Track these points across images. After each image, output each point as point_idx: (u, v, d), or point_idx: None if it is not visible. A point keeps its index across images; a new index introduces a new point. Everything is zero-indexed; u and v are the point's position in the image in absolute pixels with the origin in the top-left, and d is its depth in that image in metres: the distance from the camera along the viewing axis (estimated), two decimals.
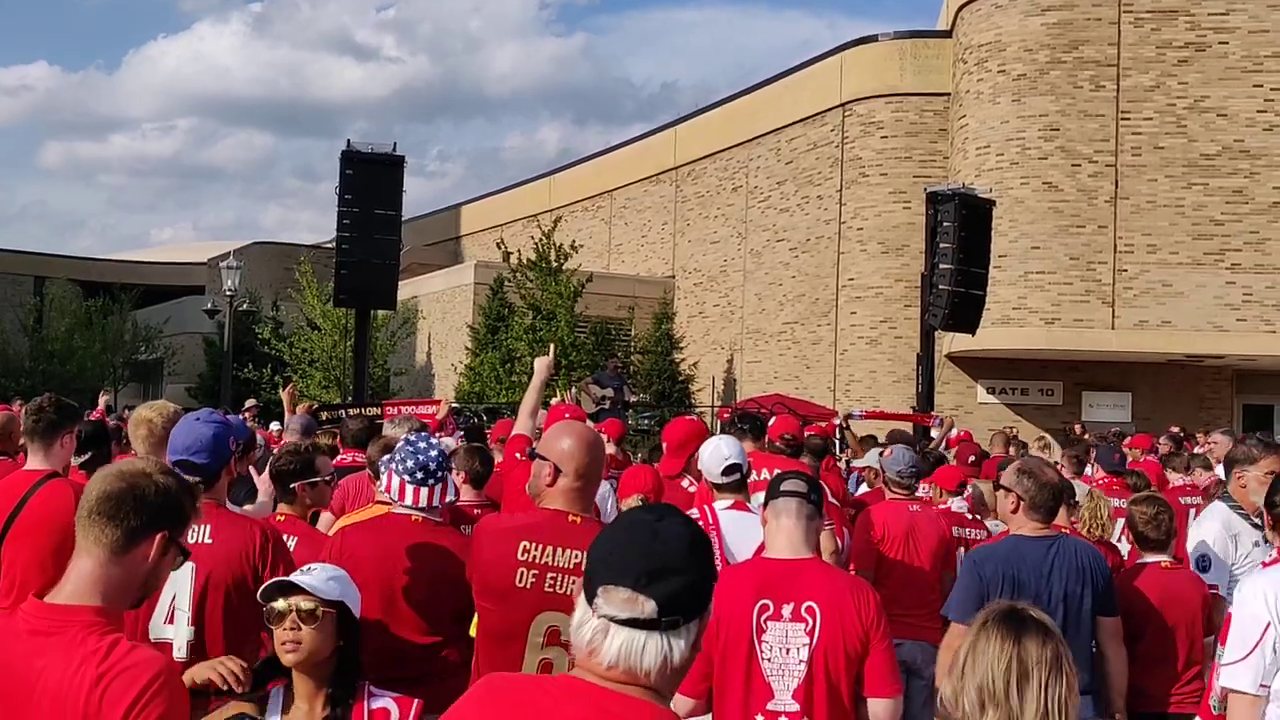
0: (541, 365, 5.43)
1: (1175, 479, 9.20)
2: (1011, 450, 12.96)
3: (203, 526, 3.89)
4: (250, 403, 17.81)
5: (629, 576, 1.89)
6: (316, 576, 3.03)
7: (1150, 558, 5.31)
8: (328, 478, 4.66)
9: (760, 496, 4.26)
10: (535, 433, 5.69)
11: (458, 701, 2.05)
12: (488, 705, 1.99)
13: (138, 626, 3.82)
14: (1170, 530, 5.36)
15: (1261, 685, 3.75)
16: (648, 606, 1.88)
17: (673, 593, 1.90)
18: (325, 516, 5.79)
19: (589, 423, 5.70)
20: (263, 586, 3.04)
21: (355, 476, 6.04)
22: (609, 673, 1.89)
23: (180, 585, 3.81)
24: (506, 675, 2.12)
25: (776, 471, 5.11)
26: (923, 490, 7.31)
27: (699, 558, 1.98)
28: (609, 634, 1.89)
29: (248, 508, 4.90)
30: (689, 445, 5.96)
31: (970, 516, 7.13)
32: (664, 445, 6.55)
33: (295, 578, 3.01)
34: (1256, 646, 3.74)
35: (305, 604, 2.98)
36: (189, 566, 3.81)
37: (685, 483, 6.06)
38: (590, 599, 1.92)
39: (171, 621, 3.79)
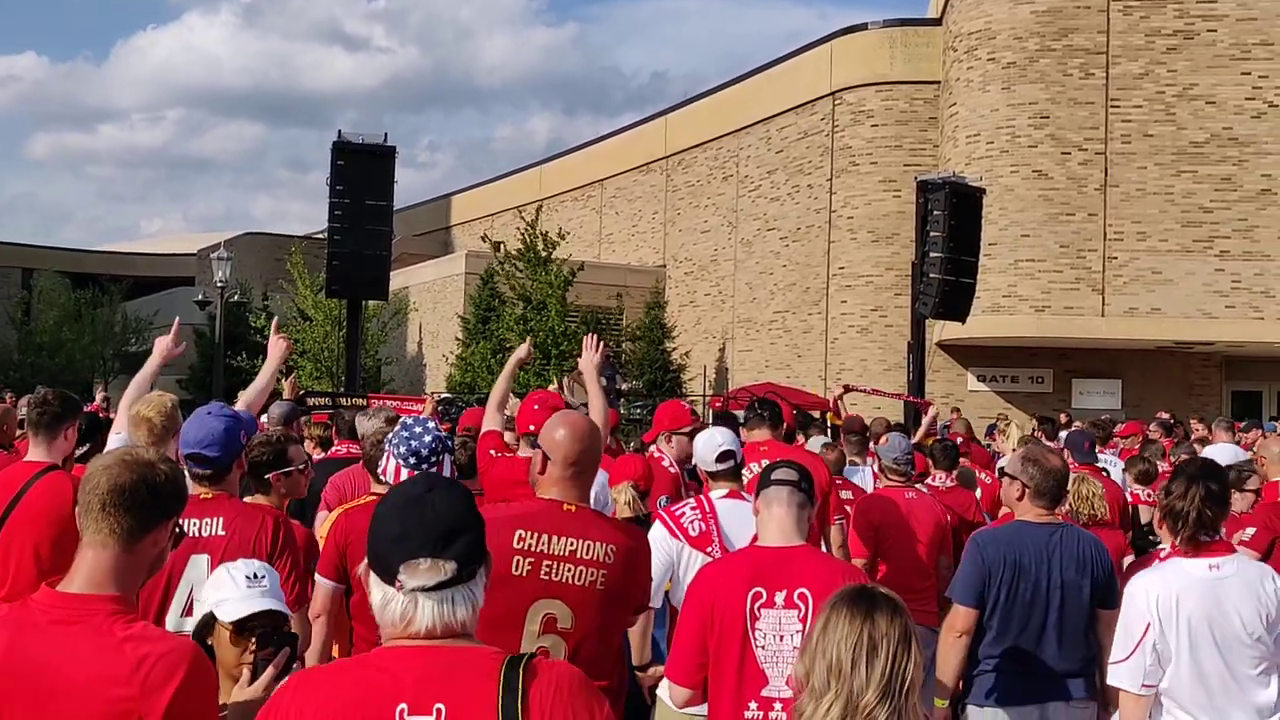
0: (513, 358, 5.65)
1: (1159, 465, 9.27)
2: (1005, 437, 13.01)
3: (215, 519, 3.95)
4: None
5: (425, 548, 2.06)
6: (272, 590, 2.99)
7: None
8: (300, 466, 4.68)
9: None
10: (506, 424, 5.76)
11: (277, 700, 2.12)
12: (316, 696, 2.05)
13: (149, 620, 3.86)
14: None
15: (1145, 685, 3.79)
16: (449, 567, 2.06)
17: (465, 549, 2.09)
18: (323, 515, 5.80)
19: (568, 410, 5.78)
20: (236, 616, 2.96)
21: (350, 470, 6.02)
22: (427, 636, 2.05)
23: (197, 579, 3.85)
24: (320, 668, 2.22)
25: (765, 462, 5.16)
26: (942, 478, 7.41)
27: (473, 511, 2.17)
28: (419, 604, 2.05)
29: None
30: (663, 424, 6.43)
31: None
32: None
33: (265, 603, 2.94)
34: (1137, 647, 3.79)
35: (279, 625, 2.95)
36: (205, 559, 3.88)
37: (666, 463, 6.24)
38: (390, 579, 2.06)
39: (190, 614, 3.83)
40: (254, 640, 2.90)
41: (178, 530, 2.60)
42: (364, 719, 1.99)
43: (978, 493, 8.32)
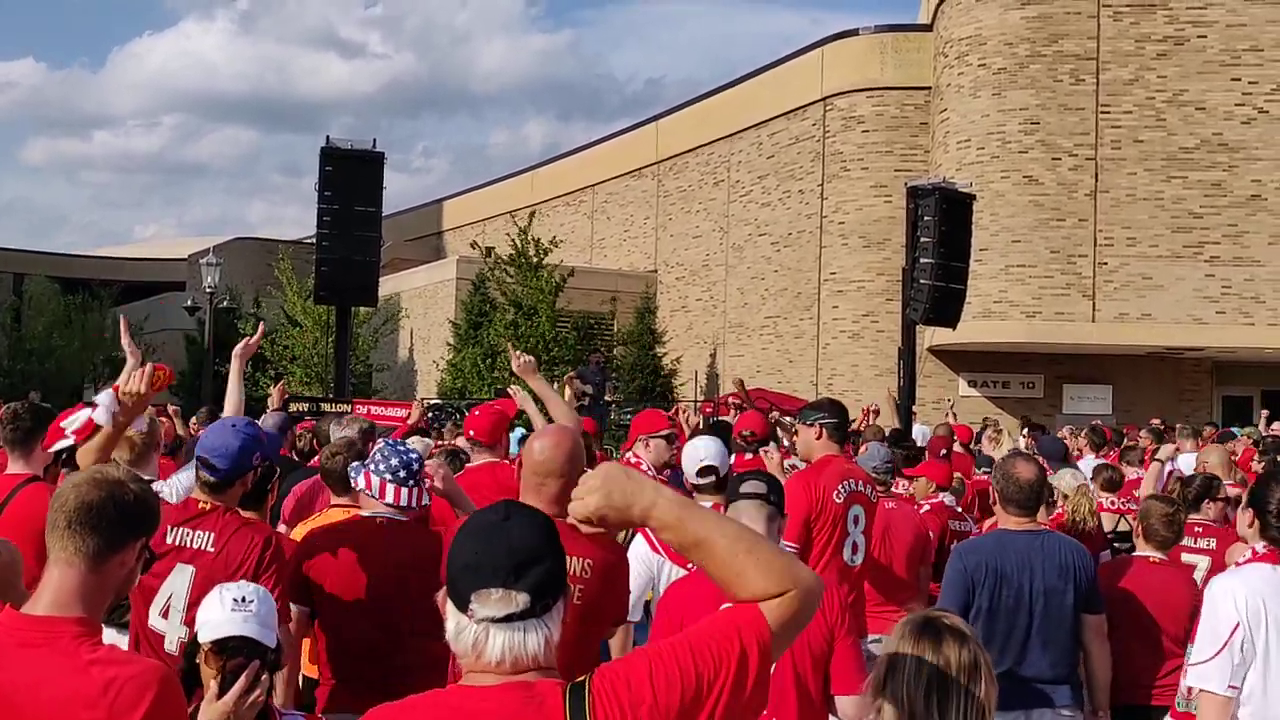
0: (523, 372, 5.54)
1: (1130, 473, 9.29)
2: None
3: (207, 533, 3.96)
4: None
5: (497, 577, 2.00)
6: (259, 616, 2.96)
7: (1142, 552, 5.34)
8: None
9: None
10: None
11: None
12: None
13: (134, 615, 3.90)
14: (1180, 531, 5.39)
15: (1230, 686, 3.75)
16: (520, 599, 1.99)
17: (539, 581, 2.02)
18: (281, 527, 5.76)
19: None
20: (211, 637, 2.95)
21: (308, 482, 5.91)
22: (498, 669, 1.99)
23: (177, 585, 3.89)
24: (390, 706, 2.16)
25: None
26: (904, 485, 7.35)
27: (552, 542, 2.09)
28: (490, 634, 1.99)
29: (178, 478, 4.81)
30: (640, 429, 6.39)
31: (959, 510, 7.16)
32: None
33: (245, 629, 2.92)
34: (1225, 646, 3.76)
35: (258, 650, 2.92)
36: (190, 571, 3.89)
37: (644, 467, 6.25)
38: (463, 606, 2.01)
39: (165, 616, 3.86)
40: (223, 659, 2.87)
41: (149, 554, 2.55)
42: None
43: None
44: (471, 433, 5.58)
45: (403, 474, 4.23)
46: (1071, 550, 4.79)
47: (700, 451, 4.87)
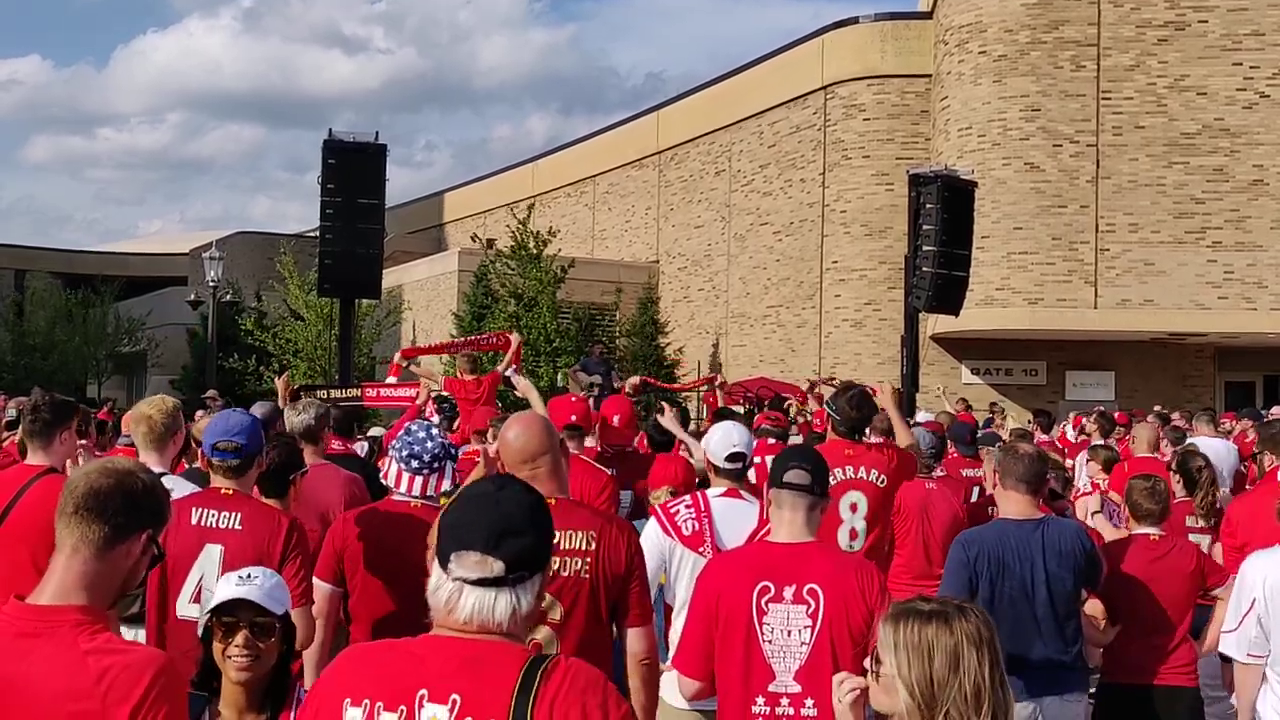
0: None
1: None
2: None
3: (234, 513, 4.04)
4: (211, 393, 17.55)
5: (478, 541, 2.09)
6: (264, 589, 2.97)
7: (1141, 530, 5.36)
8: (305, 470, 4.71)
9: None
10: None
11: (323, 674, 2.22)
12: (352, 672, 2.15)
13: (168, 604, 3.98)
14: (1166, 505, 5.41)
15: (1251, 655, 4.12)
16: (496, 566, 2.08)
17: (517, 552, 2.10)
18: None
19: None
20: (215, 603, 2.96)
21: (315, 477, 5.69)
22: (465, 626, 2.08)
23: (208, 567, 3.95)
24: (367, 644, 2.27)
25: (778, 454, 5.12)
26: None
27: (538, 519, 2.18)
28: (463, 593, 2.08)
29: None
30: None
31: None
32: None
33: (247, 593, 2.93)
34: (1244, 618, 4.11)
35: (260, 619, 2.92)
36: (218, 549, 3.96)
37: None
38: (444, 564, 2.10)
39: (198, 601, 3.90)
40: (235, 633, 2.89)
41: (156, 550, 2.53)
42: (388, 696, 2.06)
43: None
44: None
45: (415, 464, 4.26)
46: (1070, 535, 4.79)
47: (734, 436, 4.85)
